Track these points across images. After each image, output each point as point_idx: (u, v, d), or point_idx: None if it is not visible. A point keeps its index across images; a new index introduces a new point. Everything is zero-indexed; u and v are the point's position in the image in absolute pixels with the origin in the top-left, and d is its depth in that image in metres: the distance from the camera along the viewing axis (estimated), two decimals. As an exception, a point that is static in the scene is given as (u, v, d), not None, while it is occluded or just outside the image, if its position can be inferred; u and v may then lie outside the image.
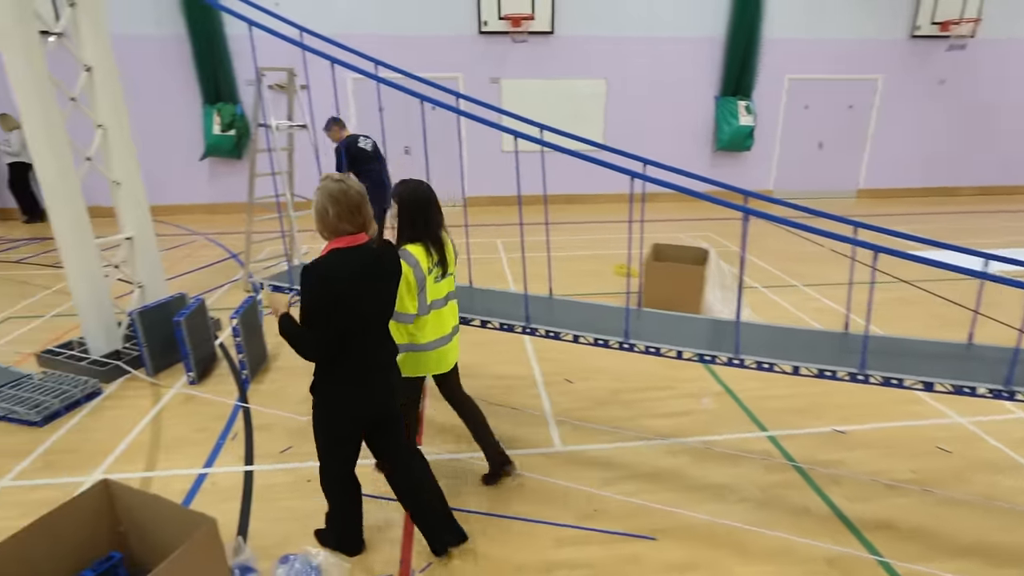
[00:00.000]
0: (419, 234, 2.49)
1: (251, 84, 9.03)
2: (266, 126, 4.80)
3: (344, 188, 2.01)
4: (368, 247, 2.09)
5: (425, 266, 2.46)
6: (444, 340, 2.67)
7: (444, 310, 2.64)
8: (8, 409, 3.55)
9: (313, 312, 2.00)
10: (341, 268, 2.01)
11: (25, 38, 3.50)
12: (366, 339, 2.15)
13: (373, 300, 2.12)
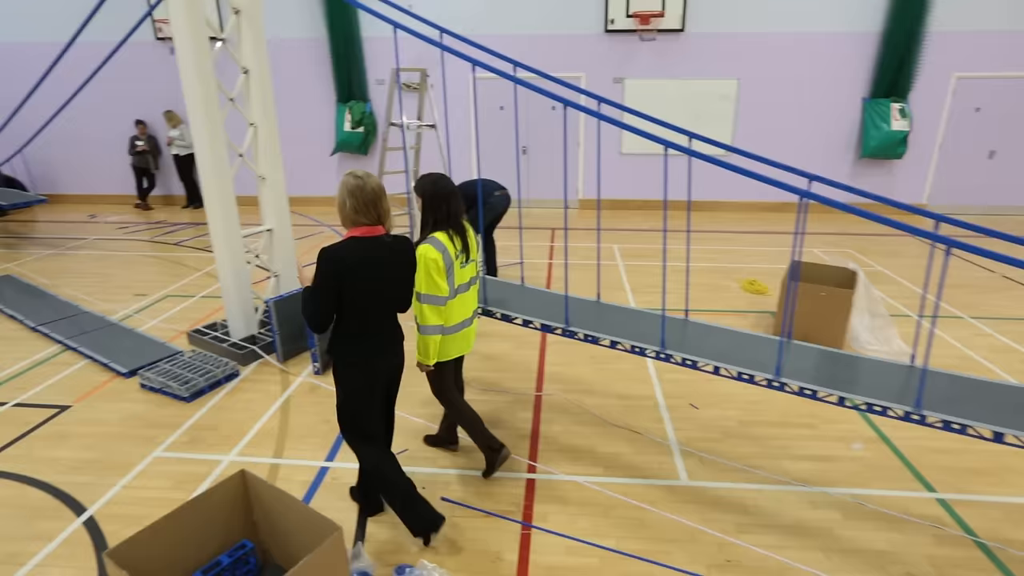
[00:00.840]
0: (442, 223, 2.65)
1: (381, 83, 9.44)
2: (398, 125, 4.89)
3: (361, 184, 2.23)
4: (381, 238, 2.29)
5: (452, 252, 2.62)
6: (467, 322, 2.85)
7: (467, 294, 2.81)
8: (164, 383, 3.87)
9: (322, 288, 2.22)
10: (352, 254, 2.22)
11: (196, 44, 3.78)
12: (373, 318, 2.37)
13: (380, 284, 2.31)
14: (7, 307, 5.40)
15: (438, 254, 2.55)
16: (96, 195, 10.84)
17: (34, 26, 9.89)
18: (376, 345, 2.42)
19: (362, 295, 2.27)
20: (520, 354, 4.52)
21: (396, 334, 2.51)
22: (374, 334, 2.40)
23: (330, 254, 2.20)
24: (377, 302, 2.35)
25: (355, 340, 2.37)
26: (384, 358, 2.46)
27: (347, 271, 2.20)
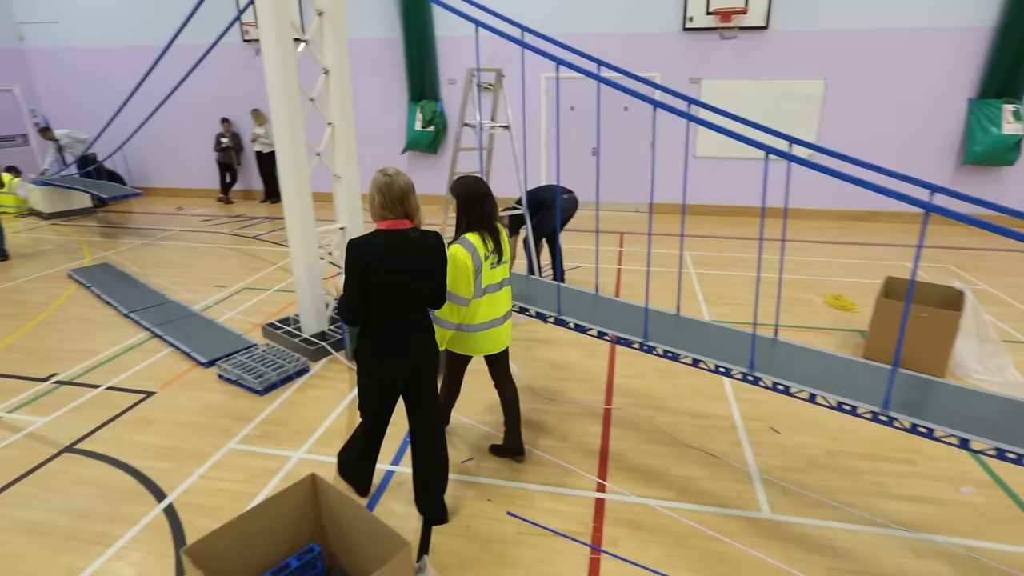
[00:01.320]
0: (475, 224, 2.70)
1: (452, 83, 9.49)
2: (472, 126, 4.85)
3: (388, 182, 2.31)
4: (406, 232, 2.33)
5: (482, 253, 2.67)
6: (496, 322, 2.86)
7: (498, 295, 2.84)
8: (239, 376, 3.99)
9: (350, 279, 2.27)
10: (378, 246, 2.28)
11: (281, 45, 3.86)
12: (399, 312, 2.39)
13: (404, 277, 2.34)
14: (104, 293, 5.76)
15: (467, 255, 2.61)
16: (184, 188, 11.50)
17: (128, 31, 10.57)
18: (398, 342, 2.43)
19: (387, 287, 2.31)
20: (588, 364, 4.38)
21: (421, 330, 2.51)
22: (394, 330, 2.42)
23: (356, 245, 2.27)
24: (402, 295, 2.37)
25: (374, 335, 2.41)
26: (406, 356, 2.47)
27: (372, 262, 2.25)
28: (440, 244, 2.47)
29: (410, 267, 2.35)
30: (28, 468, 3.20)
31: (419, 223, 2.41)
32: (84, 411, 3.76)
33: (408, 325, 2.44)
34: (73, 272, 6.49)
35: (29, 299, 5.82)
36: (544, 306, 3.31)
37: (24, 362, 4.44)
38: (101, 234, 8.62)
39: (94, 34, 10.85)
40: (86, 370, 4.30)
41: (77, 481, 3.10)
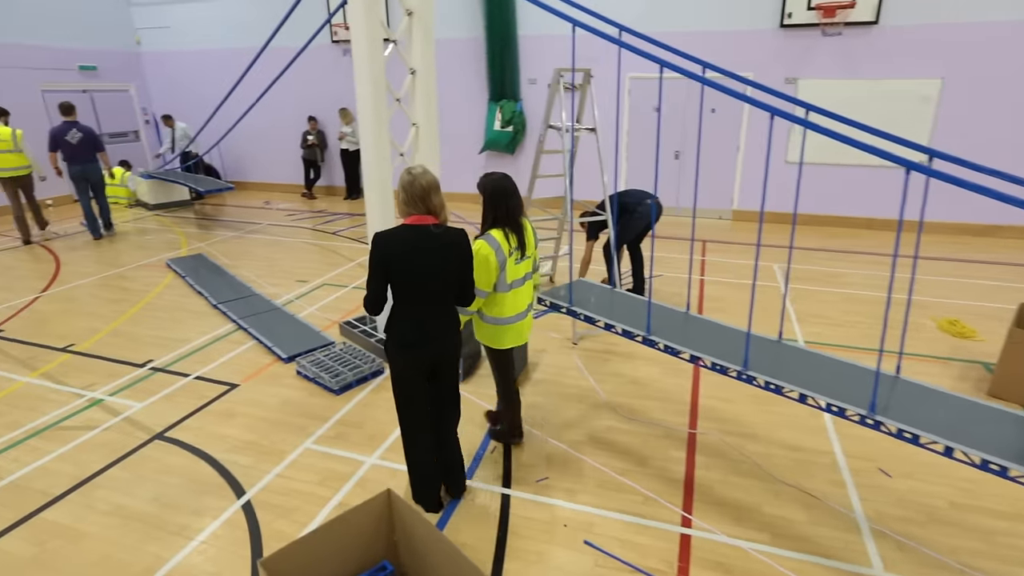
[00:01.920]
0: (501, 220, 2.79)
1: (532, 83, 9.37)
2: (558, 128, 4.70)
3: (411, 180, 2.42)
4: (428, 228, 2.43)
5: (506, 249, 2.77)
6: (521, 315, 2.98)
7: (522, 289, 2.94)
8: (317, 374, 4.03)
9: (371, 270, 2.41)
10: (400, 240, 2.40)
11: (371, 45, 3.86)
12: (417, 305, 2.49)
13: (422, 271, 2.42)
14: (197, 283, 6.06)
15: (491, 250, 2.72)
16: (272, 183, 12.05)
17: (230, 34, 11.16)
18: (416, 333, 2.52)
19: (407, 280, 2.42)
20: (670, 382, 4.13)
21: (442, 324, 2.58)
22: (415, 322, 2.51)
23: (379, 238, 2.40)
24: (422, 288, 2.45)
25: (397, 325, 2.52)
26: (426, 347, 2.55)
27: (393, 255, 2.37)
28: (463, 241, 2.53)
29: (430, 261, 2.43)
30: (123, 452, 3.35)
31: (444, 219, 2.50)
32: (175, 399, 3.91)
33: (429, 317, 2.54)
34: (171, 262, 6.88)
35: (132, 286, 6.21)
36: (629, 322, 3.10)
37: (125, 347, 4.71)
38: (197, 225, 9.14)
39: (200, 37, 11.56)
40: (178, 358, 4.50)
41: (165, 469, 3.20)
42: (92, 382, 4.14)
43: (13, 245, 7.98)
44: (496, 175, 2.86)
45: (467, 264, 2.56)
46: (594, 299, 3.45)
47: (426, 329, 2.53)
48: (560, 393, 3.98)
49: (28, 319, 5.34)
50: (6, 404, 3.89)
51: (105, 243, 8.04)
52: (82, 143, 7.74)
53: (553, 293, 3.44)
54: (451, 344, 2.64)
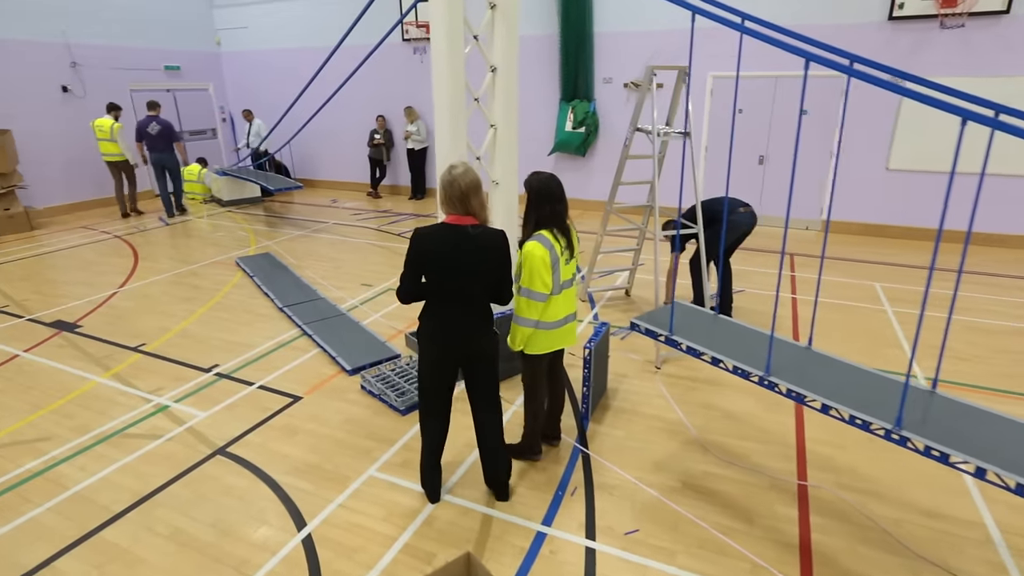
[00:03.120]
0: (545, 221, 2.72)
1: (608, 82, 8.93)
2: (647, 131, 4.29)
3: (451, 180, 2.43)
4: (466, 228, 2.43)
5: (558, 249, 2.71)
6: (570, 318, 2.91)
7: (570, 290, 2.88)
8: (382, 391, 3.80)
9: (407, 264, 2.49)
10: (435, 236, 2.44)
11: (452, 40, 3.58)
12: (447, 302, 2.53)
13: (456, 270, 2.44)
14: (264, 284, 6.00)
15: (545, 251, 2.65)
16: (339, 182, 12.13)
17: (303, 34, 11.27)
18: (445, 329, 2.56)
19: (441, 277, 2.44)
20: (770, 419, 3.65)
21: (471, 323, 2.57)
22: (445, 318, 2.55)
23: (418, 234, 2.44)
24: (455, 286, 2.47)
25: (428, 319, 2.58)
26: (453, 344, 2.57)
27: (428, 252, 2.41)
28: (500, 242, 2.51)
29: (466, 261, 2.43)
30: (185, 467, 3.21)
31: (484, 220, 2.50)
32: (237, 410, 3.77)
33: (461, 314, 2.55)
34: (240, 260, 6.90)
35: (202, 284, 6.23)
36: (738, 355, 2.67)
37: (192, 349, 4.65)
38: (266, 223, 9.23)
39: (274, 37, 11.76)
40: (243, 364, 4.39)
41: (225, 490, 3.03)
42: (159, 386, 4.07)
43: (100, 239, 8.27)
44: (544, 175, 2.78)
45: (504, 266, 2.55)
46: (694, 325, 3.03)
47: (457, 326, 2.56)
48: (646, 426, 3.58)
49: (106, 315, 5.40)
50: (78, 405, 3.86)
51: (180, 239, 8.21)
52: (160, 135, 9.01)
53: (650, 318, 3.05)
54: (483, 343, 2.62)
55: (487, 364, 2.70)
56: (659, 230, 4.30)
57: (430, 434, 2.79)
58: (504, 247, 2.54)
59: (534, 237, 2.70)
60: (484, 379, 2.73)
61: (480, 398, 2.77)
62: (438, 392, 2.71)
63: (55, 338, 4.90)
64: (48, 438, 3.51)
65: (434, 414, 2.76)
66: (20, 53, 9.17)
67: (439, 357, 2.61)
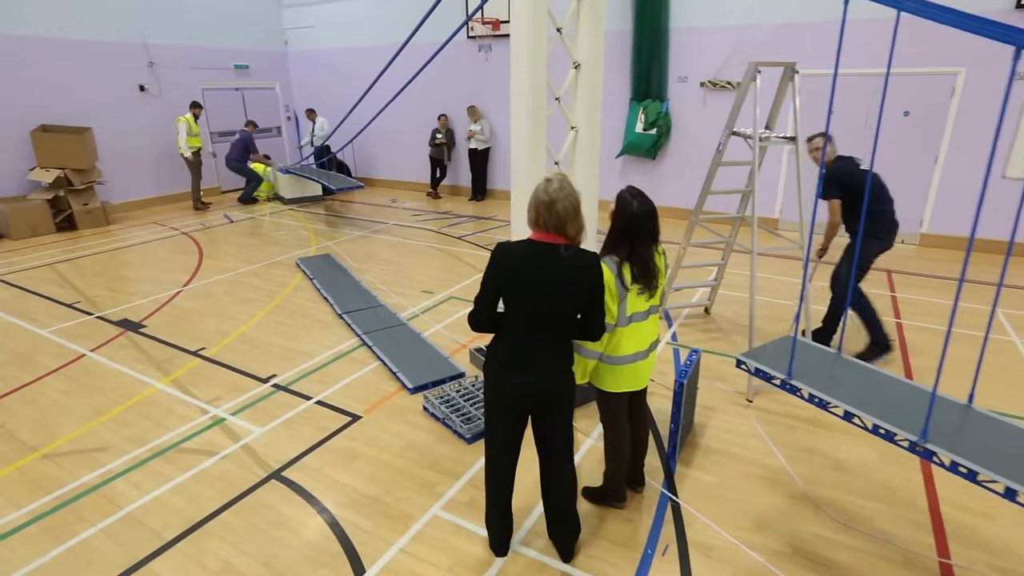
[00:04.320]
0: (626, 245, 2.43)
1: (683, 80, 8.40)
2: (746, 136, 3.83)
3: (549, 202, 2.10)
4: (557, 247, 2.12)
5: (628, 276, 2.41)
6: (642, 355, 2.57)
7: (644, 324, 2.54)
8: (446, 415, 3.51)
9: (484, 283, 2.19)
10: (519, 253, 2.14)
11: (535, 34, 3.23)
12: (526, 327, 2.20)
13: (538, 293, 2.14)
14: (323, 287, 5.86)
15: (611, 276, 2.37)
16: (399, 181, 12.05)
17: (367, 33, 11.22)
18: (519, 359, 2.24)
19: (521, 301, 2.17)
20: (891, 473, 3.13)
21: (551, 355, 2.26)
22: (521, 347, 2.23)
23: (499, 250, 2.17)
24: (536, 313, 2.18)
25: (500, 346, 2.28)
26: (529, 377, 2.24)
27: (510, 271, 2.15)
28: (595, 268, 2.20)
29: (552, 285, 2.13)
30: (239, 492, 3.00)
31: (580, 243, 2.19)
32: (294, 427, 3.56)
33: (539, 345, 2.23)
34: (300, 261, 6.81)
35: (263, 285, 6.15)
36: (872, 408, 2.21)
37: (251, 356, 4.51)
38: (326, 222, 9.19)
39: (339, 35, 11.78)
40: (300, 375, 4.20)
41: (279, 521, 2.80)
42: (217, 396, 3.92)
43: (168, 235, 8.41)
44: (634, 190, 2.46)
45: (597, 294, 2.23)
46: (810, 365, 2.57)
47: (533, 357, 2.23)
48: (743, 472, 3.14)
49: (169, 315, 5.37)
50: (137, 412, 3.75)
51: (243, 237, 8.24)
52: (233, 144, 10.32)
53: (761, 355, 2.61)
54: (560, 381, 2.30)
55: (561, 405, 2.36)
56: (756, 242, 3.81)
57: (496, 474, 2.47)
58: (599, 272, 2.21)
59: (605, 259, 2.41)
60: (556, 423, 2.38)
61: (549, 443, 2.43)
62: (504, 434, 2.39)
63: (120, 338, 4.87)
64: (106, 448, 3.39)
65: (502, 449, 2.43)
66: (102, 54, 9.48)
67: (509, 390, 2.29)
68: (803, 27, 7.49)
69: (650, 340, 2.61)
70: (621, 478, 2.83)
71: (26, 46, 8.61)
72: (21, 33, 8.55)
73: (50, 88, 8.90)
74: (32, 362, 4.46)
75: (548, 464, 2.47)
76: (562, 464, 2.46)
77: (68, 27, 9.05)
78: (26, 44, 8.61)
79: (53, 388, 4.07)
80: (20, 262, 7.11)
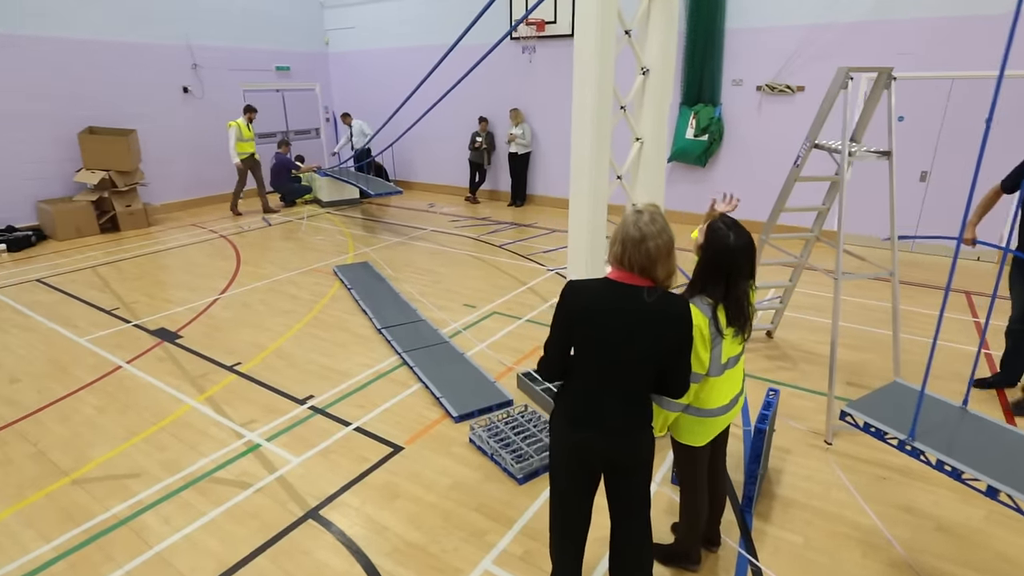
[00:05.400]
0: (720, 285, 2.09)
1: (738, 84, 7.97)
2: (832, 149, 3.45)
3: (637, 239, 1.81)
4: (642, 290, 1.84)
5: (722, 320, 2.09)
6: (730, 406, 2.25)
7: (735, 370, 2.26)
8: (495, 450, 3.23)
9: (554, 326, 1.94)
10: (595, 292, 1.90)
11: (603, 37, 2.94)
12: (598, 379, 1.92)
13: (621, 339, 1.84)
14: (362, 298, 5.66)
15: (704, 320, 2.07)
16: (437, 184, 11.86)
17: (409, 33, 11.06)
18: (590, 416, 1.93)
19: (594, 347, 1.88)
20: (1009, 541, 2.72)
21: (627, 412, 1.94)
22: (592, 401, 1.93)
23: (572, 289, 1.90)
24: (612, 363, 1.88)
25: (568, 398, 2.00)
26: (599, 433, 1.93)
27: (584, 313, 1.87)
28: (686, 316, 1.89)
29: (632, 331, 1.84)
30: (274, 532, 2.78)
31: (669, 287, 1.89)
32: (333, 457, 3.34)
33: (613, 399, 1.92)
34: (338, 269, 6.64)
35: (300, 294, 5.99)
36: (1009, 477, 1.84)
37: (287, 373, 4.32)
38: (363, 227, 9.04)
39: (380, 36, 11.66)
40: (338, 397, 3.98)
41: (316, 570, 2.56)
42: (252, 418, 3.73)
43: (207, 237, 8.38)
44: (729, 220, 2.13)
45: (684, 345, 1.93)
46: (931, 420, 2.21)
47: (605, 412, 1.93)
48: (829, 532, 2.77)
49: (205, 324, 5.24)
50: (171, 434, 3.59)
51: (280, 241, 8.15)
52: (272, 168, 10.41)
53: (870, 407, 2.26)
54: (636, 442, 1.98)
55: (638, 468, 2.05)
56: (840, 265, 3.42)
57: (565, 559, 2.18)
58: (688, 320, 1.91)
59: (696, 300, 2.11)
60: (631, 484, 2.08)
61: (622, 503, 2.13)
62: (573, 498, 2.09)
63: (156, 349, 4.75)
64: (138, 474, 3.22)
65: (568, 532, 2.14)
66: (147, 56, 9.52)
67: (576, 448, 1.98)
68: (872, 27, 6.99)
69: (739, 386, 2.32)
70: (697, 538, 2.51)
71: (75, 49, 8.69)
72: (70, 36, 8.63)
73: (97, 91, 8.97)
74: (68, 374, 4.35)
75: (620, 522, 2.17)
76: (636, 525, 2.16)
77: (115, 30, 9.12)
78: (75, 47, 8.69)
79: (87, 404, 3.95)
80: (64, 264, 7.13)
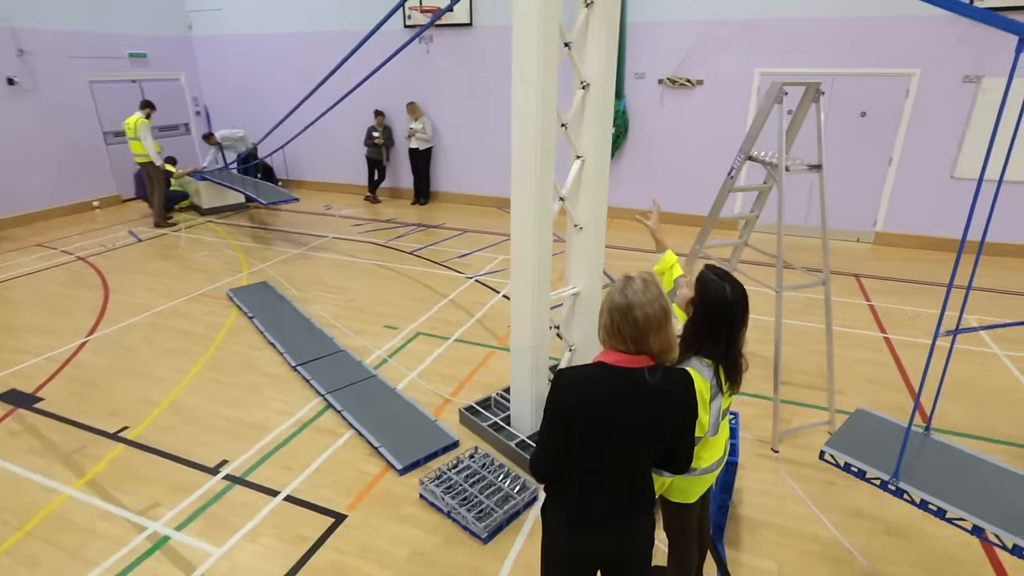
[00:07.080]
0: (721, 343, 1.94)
1: (640, 77, 8.05)
2: (766, 162, 3.46)
3: (627, 306, 1.60)
4: (641, 372, 1.62)
5: (722, 379, 1.98)
6: (720, 461, 2.18)
7: (724, 421, 2.15)
8: (452, 507, 2.93)
9: (545, 423, 1.70)
10: (590, 383, 1.65)
11: (546, 52, 2.67)
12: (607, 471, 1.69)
13: (622, 431, 1.64)
14: (267, 328, 5.02)
15: (706, 384, 1.94)
16: (331, 183, 11.02)
17: (285, 17, 10.07)
18: (595, 513, 1.74)
19: (594, 444, 1.65)
20: (947, 540, 2.88)
21: (630, 501, 1.76)
22: (598, 497, 1.73)
23: (563, 380, 1.66)
24: (615, 456, 1.67)
25: (569, 498, 1.75)
26: (604, 532, 1.76)
27: (578, 408, 1.63)
28: (690, 392, 1.70)
29: (633, 421, 1.64)
30: (201, 656, 2.31)
31: (668, 361, 1.67)
32: (262, 540, 2.86)
33: (616, 492, 1.74)
34: (232, 292, 5.88)
35: (191, 328, 5.21)
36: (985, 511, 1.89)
37: (189, 434, 3.69)
38: (254, 237, 8.16)
39: (254, 20, 10.51)
40: (258, 459, 3.46)
41: None
42: (153, 501, 3.12)
43: (61, 260, 7.10)
44: (721, 271, 1.99)
45: (690, 422, 1.74)
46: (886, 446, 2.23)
47: (608, 508, 1.74)
48: (799, 551, 2.79)
49: (73, 379, 4.38)
50: (42, 539, 2.89)
51: (157, 261, 7.11)
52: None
53: (846, 444, 2.23)
54: (638, 529, 1.81)
55: (643, 555, 1.87)
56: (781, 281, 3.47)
57: None
58: (693, 395, 1.72)
59: (693, 362, 1.96)
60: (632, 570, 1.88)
61: None
62: None
63: (8, 419, 3.88)
64: (3, 601, 2.56)
65: None
66: (-44, 40, 7.85)
67: (579, 553, 1.78)
68: (766, 24, 7.31)
69: (725, 437, 2.19)
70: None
71: None
72: None
73: None
74: None
75: None
76: None
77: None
78: None
79: (-81, 507, 3.11)
80: None
